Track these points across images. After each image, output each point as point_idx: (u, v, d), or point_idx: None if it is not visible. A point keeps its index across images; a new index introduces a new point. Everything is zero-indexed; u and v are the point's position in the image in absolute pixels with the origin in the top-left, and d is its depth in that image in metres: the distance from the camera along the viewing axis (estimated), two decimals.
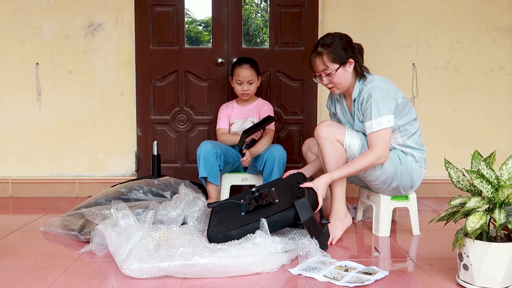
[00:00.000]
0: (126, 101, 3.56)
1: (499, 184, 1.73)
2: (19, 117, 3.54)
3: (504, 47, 3.58)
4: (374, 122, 2.29)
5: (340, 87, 2.42)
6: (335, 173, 2.32)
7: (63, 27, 3.50)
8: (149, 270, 1.86)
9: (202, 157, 2.99)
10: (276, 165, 2.99)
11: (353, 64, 2.38)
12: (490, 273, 1.70)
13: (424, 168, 2.48)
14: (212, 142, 3.07)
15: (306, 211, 2.13)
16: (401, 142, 2.42)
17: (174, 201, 2.44)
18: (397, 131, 2.41)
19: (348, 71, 2.38)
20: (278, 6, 3.54)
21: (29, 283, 1.85)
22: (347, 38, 2.42)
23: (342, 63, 2.36)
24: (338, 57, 2.35)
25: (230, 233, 2.14)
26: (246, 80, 3.13)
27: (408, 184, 2.45)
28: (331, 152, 2.37)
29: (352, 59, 2.37)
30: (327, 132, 2.36)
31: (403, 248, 2.32)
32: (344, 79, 2.39)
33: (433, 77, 3.58)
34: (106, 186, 3.39)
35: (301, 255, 2.04)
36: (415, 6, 3.54)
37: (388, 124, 2.29)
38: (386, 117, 2.29)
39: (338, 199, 2.43)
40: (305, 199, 2.15)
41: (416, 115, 2.46)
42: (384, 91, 2.32)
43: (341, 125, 2.43)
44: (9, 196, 3.55)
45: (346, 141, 2.36)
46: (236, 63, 3.18)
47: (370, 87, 2.33)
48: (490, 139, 3.61)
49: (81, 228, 2.42)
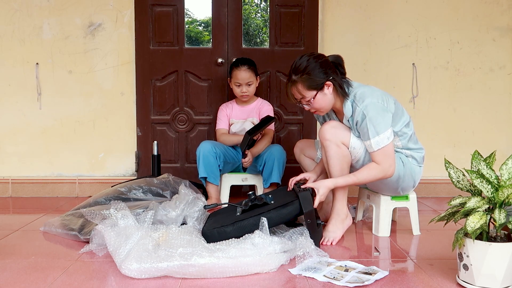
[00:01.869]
0: (126, 101, 3.56)
1: (499, 184, 1.73)
2: (19, 117, 3.54)
3: (504, 47, 3.58)
4: (374, 142, 2.24)
5: (323, 110, 2.36)
6: (340, 180, 2.30)
7: (63, 27, 3.50)
8: (148, 270, 1.86)
9: (201, 157, 2.99)
10: (276, 165, 3.00)
11: (331, 87, 2.28)
12: (490, 273, 1.70)
13: (422, 166, 2.47)
14: (212, 142, 3.08)
15: (309, 203, 2.16)
16: (401, 146, 2.41)
17: (174, 201, 2.44)
18: (396, 137, 2.39)
19: (327, 94, 2.29)
20: (278, 6, 3.54)
21: (29, 283, 1.84)
22: (321, 59, 2.29)
23: (318, 88, 2.27)
24: (313, 83, 2.25)
25: (225, 229, 2.14)
26: (244, 82, 3.12)
27: (410, 185, 2.45)
28: (336, 155, 2.33)
29: (330, 82, 2.27)
30: (332, 134, 2.32)
31: (403, 248, 2.32)
32: (324, 103, 2.31)
33: (433, 77, 3.58)
34: (106, 186, 3.39)
35: (299, 255, 2.04)
36: (415, 6, 3.54)
37: (388, 141, 2.25)
38: (384, 134, 2.24)
39: (339, 200, 2.42)
40: (308, 192, 2.19)
41: (409, 115, 2.44)
42: (377, 108, 2.24)
43: (346, 127, 2.37)
44: (9, 196, 3.55)
45: (352, 143, 2.33)
46: (233, 65, 3.17)
47: (362, 107, 2.25)
48: (490, 139, 3.61)
49: (81, 228, 2.42)
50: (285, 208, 2.17)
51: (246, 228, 2.11)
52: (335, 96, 2.33)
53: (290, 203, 2.18)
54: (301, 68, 2.26)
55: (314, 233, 2.17)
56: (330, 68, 2.30)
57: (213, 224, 2.25)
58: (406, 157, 2.42)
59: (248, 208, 2.28)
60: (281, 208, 2.17)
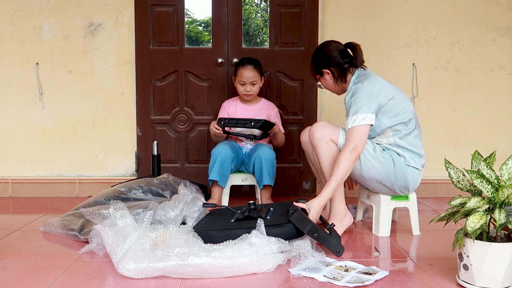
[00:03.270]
0: (126, 101, 3.56)
1: (499, 184, 1.73)
2: (19, 117, 3.54)
3: (504, 47, 3.58)
4: (351, 120, 2.35)
5: (333, 92, 2.65)
6: (327, 191, 2.28)
7: (63, 27, 3.50)
8: (145, 270, 1.86)
9: (219, 160, 2.96)
10: (265, 166, 2.97)
11: (329, 74, 2.55)
12: (490, 273, 1.70)
13: (419, 170, 2.46)
14: (229, 144, 3.03)
15: (304, 222, 2.11)
16: (392, 142, 2.42)
17: (173, 202, 2.44)
18: (388, 130, 2.41)
19: (328, 80, 2.58)
20: (278, 6, 3.54)
21: (29, 283, 1.85)
22: (321, 50, 2.58)
23: (320, 74, 2.59)
24: (315, 70, 2.61)
25: (213, 233, 2.13)
26: (249, 81, 3.12)
27: (402, 185, 2.45)
28: (325, 152, 2.42)
29: (328, 70, 2.53)
30: (321, 132, 2.42)
31: (403, 248, 2.32)
32: (328, 86, 2.62)
33: (433, 77, 3.58)
34: (106, 186, 3.39)
35: (295, 256, 2.04)
36: (415, 6, 3.54)
37: (363, 122, 2.32)
38: (361, 115, 2.33)
39: (335, 200, 2.44)
40: (299, 211, 2.14)
41: (412, 117, 2.44)
42: (365, 91, 2.37)
43: (335, 125, 2.47)
44: (9, 196, 3.55)
45: (340, 140, 2.40)
46: (239, 64, 3.16)
47: (354, 88, 2.43)
48: (490, 139, 3.61)
49: (81, 228, 2.42)
50: (276, 229, 2.11)
51: (232, 238, 2.07)
52: (338, 81, 2.56)
53: (282, 225, 2.12)
54: (312, 55, 2.62)
55: (330, 241, 2.14)
56: (333, 57, 2.52)
57: (204, 225, 2.25)
58: (398, 155, 2.42)
59: (243, 218, 2.26)
60: (272, 228, 2.11)
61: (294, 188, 3.62)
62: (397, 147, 2.43)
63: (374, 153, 2.39)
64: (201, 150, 3.59)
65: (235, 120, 3.02)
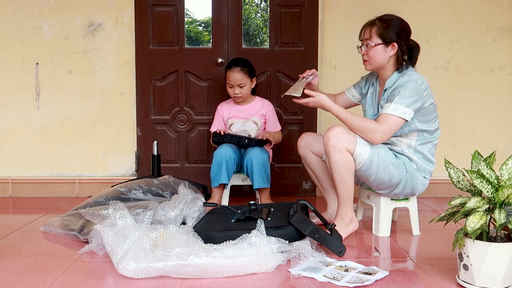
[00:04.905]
0: (126, 101, 3.56)
1: (499, 184, 1.73)
2: (19, 117, 3.54)
3: (504, 47, 3.58)
4: (392, 106, 2.27)
5: (372, 63, 2.43)
6: (335, 107, 2.33)
7: (63, 27, 3.50)
8: (145, 270, 1.86)
9: (224, 163, 2.95)
10: (256, 169, 2.94)
11: (395, 49, 2.37)
12: (490, 273, 1.70)
13: (427, 179, 2.46)
14: (232, 147, 3.03)
15: (305, 223, 2.11)
16: (412, 145, 2.40)
17: (173, 202, 2.44)
18: (415, 133, 2.38)
19: (387, 53, 2.38)
20: (278, 6, 3.54)
21: (29, 283, 1.85)
22: (406, 26, 2.42)
23: (385, 42, 2.37)
24: (385, 35, 2.37)
25: (213, 233, 2.13)
26: (236, 83, 3.08)
27: (408, 192, 2.44)
28: (339, 161, 2.29)
29: (397, 44, 2.37)
30: (336, 140, 2.28)
31: (403, 248, 2.32)
32: (378, 56, 2.39)
33: (433, 77, 3.57)
34: (106, 186, 3.39)
35: (295, 256, 2.04)
36: (415, 6, 3.54)
37: (403, 115, 2.26)
38: (404, 108, 2.26)
39: (343, 205, 2.39)
40: (299, 214, 2.13)
41: (439, 127, 2.44)
42: (416, 88, 2.30)
43: (352, 133, 2.32)
44: (9, 196, 3.55)
45: (357, 150, 2.30)
46: (227, 66, 3.14)
47: (405, 80, 2.33)
48: (490, 139, 3.61)
49: (81, 228, 2.42)
50: (276, 231, 2.11)
51: (232, 239, 2.07)
52: (392, 61, 2.41)
53: (283, 227, 2.12)
54: (387, 18, 2.42)
55: (332, 241, 2.14)
56: (407, 40, 2.41)
57: (204, 224, 2.24)
58: (410, 161, 2.40)
59: (244, 219, 2.26)
60: (272, 230, 2.11)
61: (294, 188, 3.62)
62: (415, 152, 2.40)
63: (392, 158, 2.36)
64: (201, 150, 3.59)
65: (230, 136, 3.02)
